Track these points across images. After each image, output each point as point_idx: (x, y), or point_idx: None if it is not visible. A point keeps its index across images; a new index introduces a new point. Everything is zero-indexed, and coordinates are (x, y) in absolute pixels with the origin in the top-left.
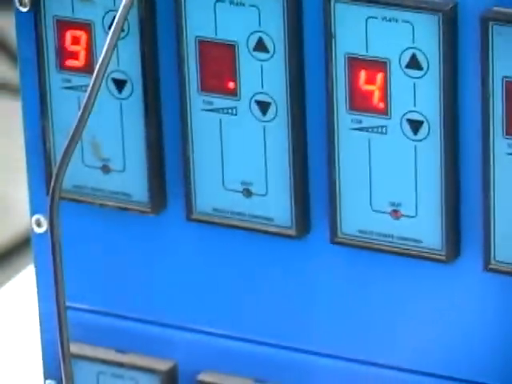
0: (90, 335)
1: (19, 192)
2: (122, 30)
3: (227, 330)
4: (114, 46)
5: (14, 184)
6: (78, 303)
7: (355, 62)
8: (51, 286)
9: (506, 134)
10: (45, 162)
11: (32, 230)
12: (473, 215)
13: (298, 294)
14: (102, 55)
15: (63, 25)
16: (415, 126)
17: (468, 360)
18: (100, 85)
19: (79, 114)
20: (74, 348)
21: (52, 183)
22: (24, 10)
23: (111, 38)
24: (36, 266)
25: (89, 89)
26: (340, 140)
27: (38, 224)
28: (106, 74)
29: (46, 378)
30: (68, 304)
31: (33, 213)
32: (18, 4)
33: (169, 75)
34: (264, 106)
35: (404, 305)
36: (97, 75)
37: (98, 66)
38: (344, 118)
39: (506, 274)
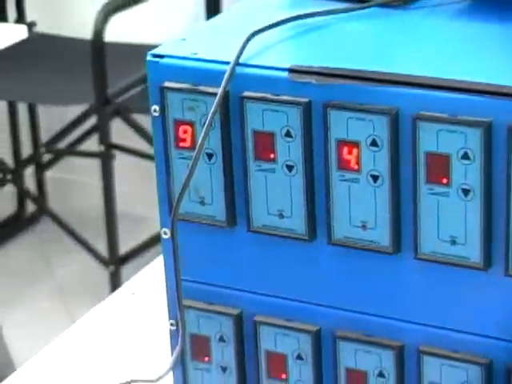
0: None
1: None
2: (211, 126)
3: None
4: (206, 135)
5: None
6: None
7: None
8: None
9: None
10: (168, 198)
11: (161, 236)
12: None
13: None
14: (200, 140)
15: (178, 123)
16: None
17: None
18: (198, 157)
19: (187, 173)
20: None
21: (173, 210)
22: (156, 114)
23: (205, 131)
24: (165, 260)
25: (192, 159)
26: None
27: (165, 233)
28: (202, 151)
29: (169, 318)
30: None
31: (162, 226)
32: (152, 111)
33: (238, 151)
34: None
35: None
36: (197, 151)
37: (197, 146)
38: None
39: None
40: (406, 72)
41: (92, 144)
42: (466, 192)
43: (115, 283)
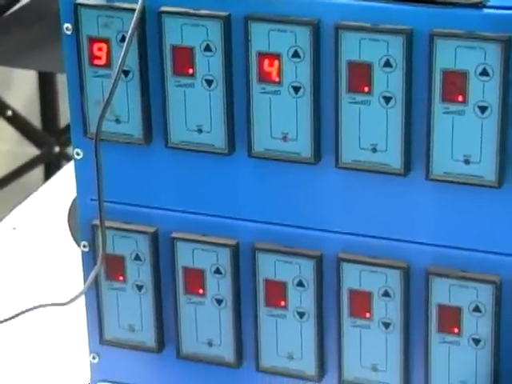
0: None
1: None
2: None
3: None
4: (127, 52)
5: None
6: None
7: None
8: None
9: None
10: (82, 117)
11: (74, 157)
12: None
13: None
14: (121, 57)
15: (93, 40)
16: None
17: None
18: (120, 74)
19: (108, 91)
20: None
21: (96, 129)
22: (68, 33)
23: (126, 48)
24: (77, 181)
25: (113, 77)
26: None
27: (77, 154)
28: (122, 68)
29: (81, 240)
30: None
31: (74, 147)
32: (65, 30)
33: (155, 67)
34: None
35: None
36: (118, 68)
37: (119, 63)
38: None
39: None
40: None
41: None
42: (387, 99)
43: None
